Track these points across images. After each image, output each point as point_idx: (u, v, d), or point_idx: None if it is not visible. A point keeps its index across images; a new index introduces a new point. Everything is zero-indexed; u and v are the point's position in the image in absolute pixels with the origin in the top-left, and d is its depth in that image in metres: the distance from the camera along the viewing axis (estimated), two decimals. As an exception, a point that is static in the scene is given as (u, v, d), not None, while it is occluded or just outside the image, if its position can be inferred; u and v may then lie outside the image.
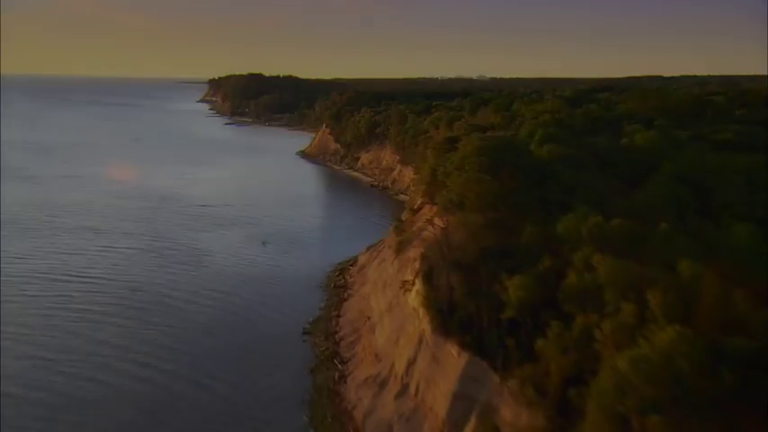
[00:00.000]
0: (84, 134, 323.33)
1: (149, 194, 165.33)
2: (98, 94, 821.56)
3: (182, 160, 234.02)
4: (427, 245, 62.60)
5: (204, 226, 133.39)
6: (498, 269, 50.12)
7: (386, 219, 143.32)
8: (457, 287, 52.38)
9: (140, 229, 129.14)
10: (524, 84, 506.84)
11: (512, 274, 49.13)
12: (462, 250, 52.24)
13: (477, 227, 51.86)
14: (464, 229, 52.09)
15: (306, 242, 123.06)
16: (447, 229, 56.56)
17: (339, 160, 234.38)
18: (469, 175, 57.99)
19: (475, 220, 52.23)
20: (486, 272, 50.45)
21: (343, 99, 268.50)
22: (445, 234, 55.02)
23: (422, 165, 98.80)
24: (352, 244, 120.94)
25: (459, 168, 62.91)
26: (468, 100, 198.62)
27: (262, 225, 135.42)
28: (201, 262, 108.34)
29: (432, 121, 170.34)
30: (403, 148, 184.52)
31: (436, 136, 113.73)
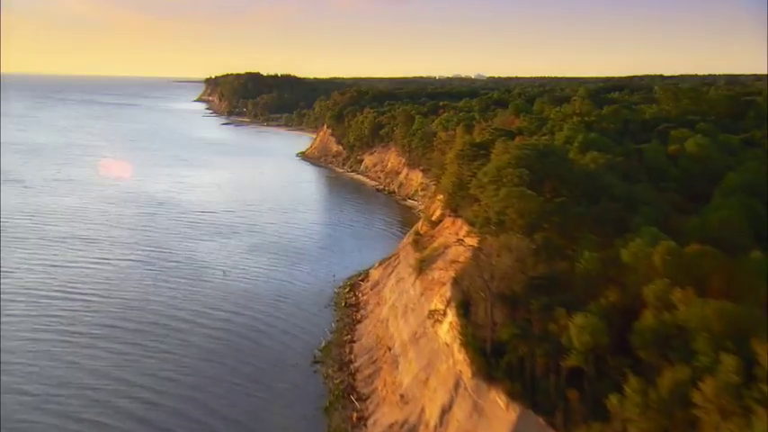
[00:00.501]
0: (77, 134, 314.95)
1: (145, 199, 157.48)
2: (94, 93, 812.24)
3: (179, 162, 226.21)
4: (460, 269, 55.00)
5: (203, 234, 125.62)
6: (552, 303, 42.63)
7: (395, 226, 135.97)
8: (502, 324, 44.83)
9: (136, 239, 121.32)
10: (524, 83, 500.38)
11: (569, 309, 41.66)
12: (508, 279, 44.66)
13: (524, 252, 44.29)
14: (509, 254, 44.53)
15: (312, 253, 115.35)
16: (485, 251, 49.01)
17: (341, 162, 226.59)
18: (511, 190, 50.40)
19: (521, 243, 44.64)
20: (539, 306, 42.92)
21: (344, 99, 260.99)
22: (484, 258, 47.45)
23: (439, 172, 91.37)
24: (361, 255, 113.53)
25: (495, 181, 55.35)
26: (477, 100, 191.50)
27: (265, 233, 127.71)
28: (202, 276, 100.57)
29: (440, 122, 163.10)
30: (409, 151, 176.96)
31: (454, 140, 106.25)
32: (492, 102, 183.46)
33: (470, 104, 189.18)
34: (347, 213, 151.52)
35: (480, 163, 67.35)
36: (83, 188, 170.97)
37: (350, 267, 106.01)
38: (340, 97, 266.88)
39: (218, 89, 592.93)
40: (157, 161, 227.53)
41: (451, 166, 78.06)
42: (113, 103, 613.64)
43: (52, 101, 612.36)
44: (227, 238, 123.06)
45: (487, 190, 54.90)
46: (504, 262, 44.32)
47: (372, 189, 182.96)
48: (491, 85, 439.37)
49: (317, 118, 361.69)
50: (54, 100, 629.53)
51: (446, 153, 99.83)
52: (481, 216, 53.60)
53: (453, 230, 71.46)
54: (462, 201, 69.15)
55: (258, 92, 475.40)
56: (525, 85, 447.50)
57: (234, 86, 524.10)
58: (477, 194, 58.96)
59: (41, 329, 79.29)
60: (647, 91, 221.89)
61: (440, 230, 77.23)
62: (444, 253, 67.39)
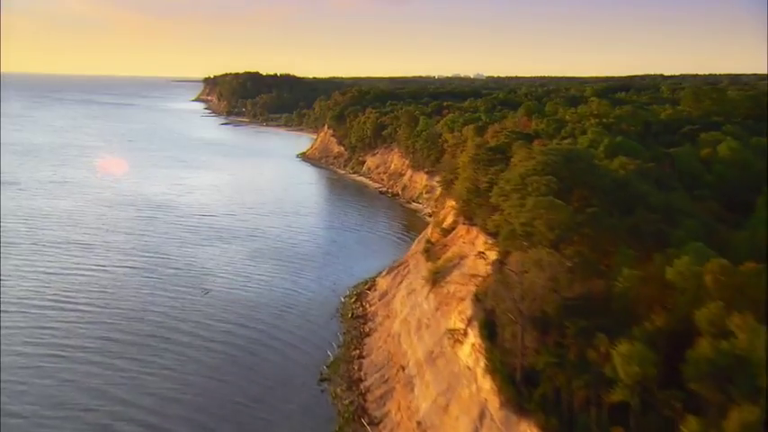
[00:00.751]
0: (74, 135, 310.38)
1: (143, 202, 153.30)
2: (92, 92, 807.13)
3: (177, 164, 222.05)
4: (481, 285, 50.96)
5: (204, 239, 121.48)
6: (591, 328, 38.59)
7: (401, 231, 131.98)
8: (534, 349, 40.80)
9: (133, 244, 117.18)
10: (524, 83, 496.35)
11: (610, 335, 37.64)
12: (540, 300, 40.63)
13: (558, 269, 40.26)
14: (540, 272, 40.50)
15: (316, 259, 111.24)
16: (510, 267, 45.00)
17: (343, 164, 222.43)
18: (538, 200, 46.32)
19: (554, 259, 40.60)
20: (575, 331, 38.89)
21: (345, 99, 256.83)
22: (512, 276, 43.41)
23: (450, 176, 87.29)
24: (366, 261, 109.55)
25: (518, 189, 51.29)
26: (483, 100, 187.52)
27: (267, 238, 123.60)
28: (203, 284, 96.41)
29: (446, 123, 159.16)
30: (413, 152, 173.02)
31: (464, 142, 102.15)
32: (498, 102, 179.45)
33: (475, 105, 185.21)
34: (351, 217, 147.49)
35: (498, 168, 63.34)
36: (79, 190, 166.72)
37: (355, 275, 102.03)
38: (341, 97, 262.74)
39: (216, 89, 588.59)
40: (156, 162, 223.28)
41: (465, 170, 73.96)
42: (111, 103, 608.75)
43: (50, 100, 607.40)
44: (227, 244, 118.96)
45: (511, 199, 50.85)
46: (535, 281, 40.29)
47: (375, 191, 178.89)
48: (492, 85, 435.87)
49: (316, 118, 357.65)
50: (51, 99, 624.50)
51: (457, 156, 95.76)
52: (505, 228, 49.44)
53: (468, 239, 67.44)
54: (479, 209, 65.12)
55: (257, 91, 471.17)
56: (528, 84, 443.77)
57: (233, 86, 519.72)
58: (498, 203, 54.86)
59: (33, 343, 75.22)
60: (654, 91, 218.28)
61: (453, 239, 73.20)
62: (460, 264, 63.34)
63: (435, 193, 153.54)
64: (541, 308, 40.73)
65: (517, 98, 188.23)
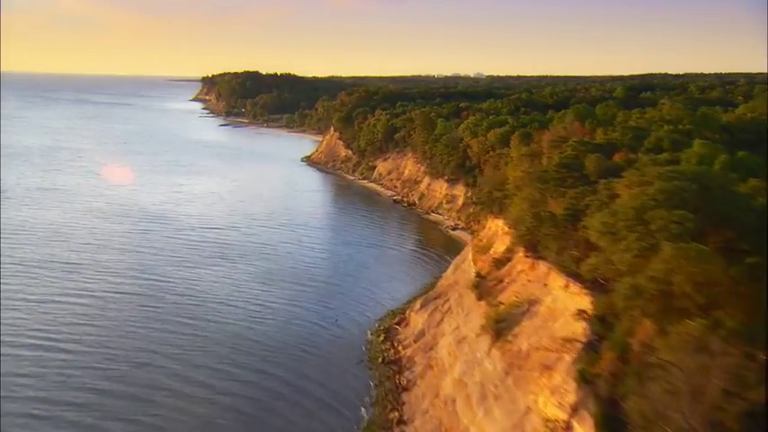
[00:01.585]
0: (67, 136, 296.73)
1: (138, 213, 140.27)
2: (87, 92, 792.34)
3: (175, 168, 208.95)
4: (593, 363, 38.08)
5: (207, 258, 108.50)
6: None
7: (424, 247, 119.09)
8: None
9: (126, 264, 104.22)
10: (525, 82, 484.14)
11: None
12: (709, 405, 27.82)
13: (738, 362, 27.57)
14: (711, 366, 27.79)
15: (334, 282, 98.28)
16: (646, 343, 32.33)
17: (351, 169, 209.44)
18: (680, 248, 33.48)
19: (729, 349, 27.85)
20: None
21: (352, 100, 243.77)
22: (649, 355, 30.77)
23: (498, 193, 74.43)
24: (391, 285, 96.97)
25: (634, 226, 38.45)
26: (505, 101, 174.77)
27: (277, 256, 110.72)
28: (207, 315, 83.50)
29: (467, 126, 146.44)
30: (430, 158, 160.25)
31: (487, 148, 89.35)
32: (522, 103, 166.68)
33: (496, 106, 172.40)
34: (366, 229, 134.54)
35: (579, 191, 50.65)
36: (69, 199, 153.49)
37: (380, 302, 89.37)
38: (347, 98, 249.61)
39: (215, 88, 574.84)
40: (152, 167, 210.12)
41: (523, 189, 61.34)
42: (107, 103, 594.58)
43: (44, 100, 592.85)
44: (233, 263, 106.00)
45: (626, 240, 38.04)
46: (705, 379, 27.62)
47: (389, 200, 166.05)
48: (498, 85, 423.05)
49: (319, 119, 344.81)
50: (46, 99, 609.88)
51: (500, 168, 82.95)
52: (626, 284, 36.46)
53: (535, 277, 54.68)
54: (552, 241, 52.37)
55: (257, 91, 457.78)
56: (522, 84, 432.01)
57: (232, 86, 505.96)
58: (598, 242, 42.03)
59: (5, 398, 62.18)
60: (681, 90, 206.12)
61: (510, 273, 60.29)
62: (531, 312, 50.56)
63: (457, 203, 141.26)
64: (710, 417, 27.99)
65: (542, 98, 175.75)
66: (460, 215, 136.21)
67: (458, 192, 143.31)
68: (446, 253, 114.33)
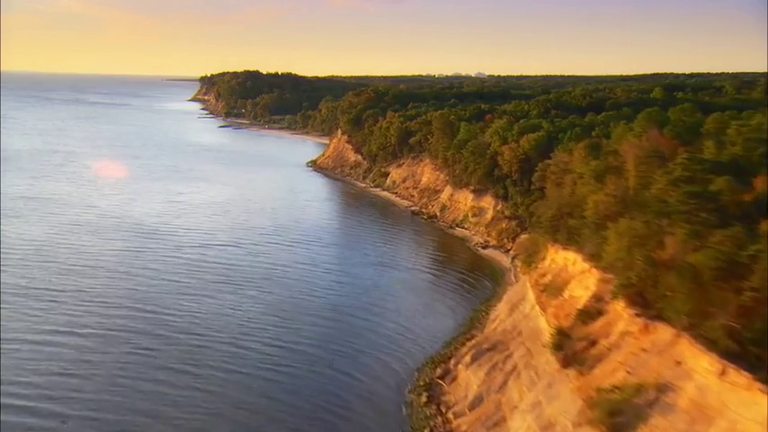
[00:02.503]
0: (59, 139, 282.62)
1: (132, 227, 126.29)
2: (83, 92, 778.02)
3: (173, 174, 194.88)
4: None
5: (209, 284, 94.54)
6: None
7: (456, 270, 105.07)
8: None
9: (116, 292, 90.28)
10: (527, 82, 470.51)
11: None
12: None
13: None
14: None
15: (357, 314, 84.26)
16: None
17: (362, 175, 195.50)
18: None
19: None
20: None
21: (360, 101, 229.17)
22: None
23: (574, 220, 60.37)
24: (426, 321, 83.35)
25: None
26: (534, 102, 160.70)
27: (288, 280, 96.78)
28: (212, 361, 69.67)
29: (495, 131, 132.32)
30: (452, 165, 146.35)
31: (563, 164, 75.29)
32: (552, 105, 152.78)
33: (523, 108, 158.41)
34: (387, 247, 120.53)
35: (731, 233, 36.84)
36: (56, 211, 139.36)
37: (416, 342, 75.57)
38: (355, 99, 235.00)
39: (214, 88, 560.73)
40: (149, 173, 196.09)
41: (622, 220, 47.54)
42: (103, 103, 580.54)
43: (38, 100, 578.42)
44: (240, 290, 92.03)
45: None
46: None
47: (406, 211, 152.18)
48: (504, 84, 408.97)
49: (323, 120, 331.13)
50: (40, 99, 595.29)
51: (564, 185, 69.00)
52: None
53: (652, 345, 40.76)
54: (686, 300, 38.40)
55: (257, 91, 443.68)
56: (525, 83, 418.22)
57: (231, 85, 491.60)
58: None
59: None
60: (715, 91, 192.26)
61: (610, 334, 45.89)
62: (662, 404, 36.59)
63: (485, 217, 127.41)
64: None
65: (573, 100, 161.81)
66: (490, 231, 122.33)
67: (486, 204, 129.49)
68: (482, 276, 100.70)
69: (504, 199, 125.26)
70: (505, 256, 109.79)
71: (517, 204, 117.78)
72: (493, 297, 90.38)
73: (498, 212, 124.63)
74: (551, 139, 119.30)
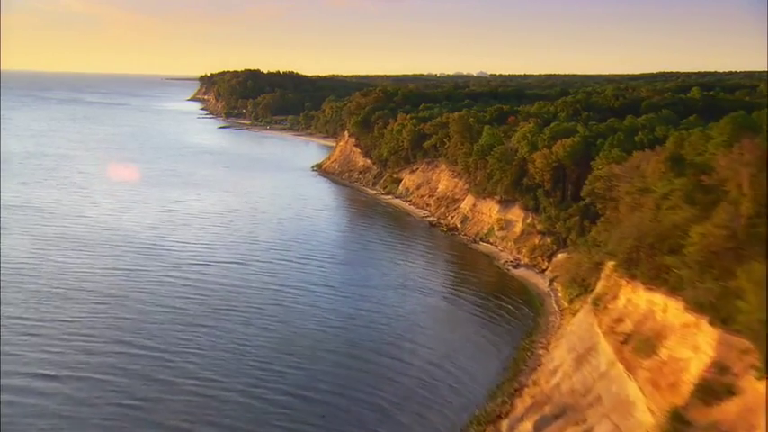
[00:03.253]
0: (51, 141, 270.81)
1: (124, 241, 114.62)
2: (82, 91, 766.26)
3: (171, 180, 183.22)
4: None
5: (209, 312, 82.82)
6: None
7: (488, 295, 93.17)
8: None
9: (102, 323, 78.62)
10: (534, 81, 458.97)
11: None
12: None
13: None
14: None
15: (386, 353, 72.42)
16: None
17: (371, 181, 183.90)
18: None
19: None
20: None
21: (369, 101, 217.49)
22: None
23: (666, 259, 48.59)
24: (462, 359, 71.53)
25: None
26: (561, 103, 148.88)
27: (304, 309, 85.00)
28: (211, 416, 58.00)
29: (523, 136, 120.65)
30: (474, 172, 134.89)
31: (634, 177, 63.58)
32: (582, 106, 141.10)
33: (548, 109, 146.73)
34: (407, 265, 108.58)
35: None
36: (42, 221, 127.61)
37: (456, 390, 63.96)
38: (363, 99, 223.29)
39: (213, 88, 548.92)
40: (145, 178, 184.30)
41: (759, 266, 35.99)
42: (101, 103, 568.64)
43: (35, 99, 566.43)
44: (245, 321, 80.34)
45: None
46: None
47: (423, 222, 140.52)
48: (512, 84, 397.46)
49: (327, 121, 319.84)
50: (37, 98, 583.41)
51: (645, 209, 57.23)
52: None
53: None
54: None
55: (258, 91, 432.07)
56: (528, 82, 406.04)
57: (231, 85, 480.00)
58: None
59: None
60: (750, 90, 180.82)
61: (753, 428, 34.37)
62: None
63: (513, 231, 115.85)
64: None
65: (604, 101, 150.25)
66: (520, 247, 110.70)
67: (514, 216, 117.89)
68: (518, 302, 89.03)
69: (535, 211, 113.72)
70: (541, 278, 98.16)
71: (551, 218, 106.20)
72: (535, 330, 78.89)
73: (528, 226, 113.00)
74: (588, 145, 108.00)
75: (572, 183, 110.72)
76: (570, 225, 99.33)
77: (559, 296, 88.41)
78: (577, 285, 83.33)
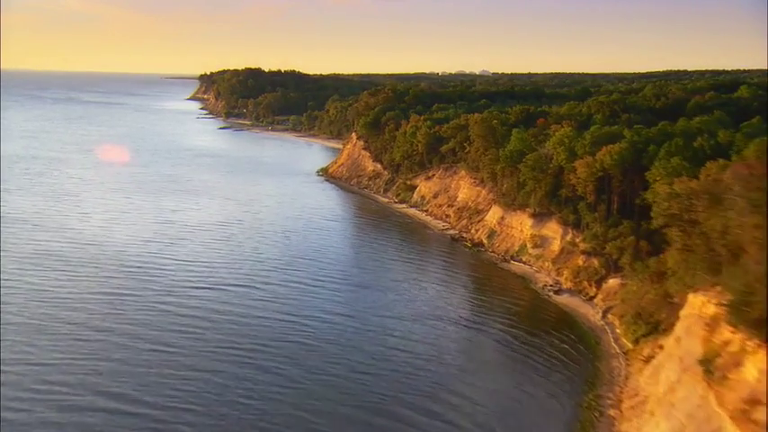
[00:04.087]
0: (44, 142, 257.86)
1: (112, 260, 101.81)
2: (79, 90, 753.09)
3: (167, 186, 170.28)
4: None
5: (206, 353, 69.98)
6: None
7: (534, 330, 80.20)
8: None
9: (79, 366, 65.83)
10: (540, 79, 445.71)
11: None
12: None
13: None
14: None
15: (424, 415, 59.52)
16: None
17: (383, 188, 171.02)
18: None
19: None
20: None
21: (378, 101, 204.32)
22: None
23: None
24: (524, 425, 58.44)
25: None
26: (593, 103, 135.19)
27: (321, 347, 72.10)
28: None
29: (560, 141, 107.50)
30: (500, 179, 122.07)
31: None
32: (622, 107, 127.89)
33: (581, 110, 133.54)
34: (436, 290, 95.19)
35: None
36: (21, 235, 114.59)
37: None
38: (372, 99, 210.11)
39: (213, 87, 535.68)
40: (140, 183, 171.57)
41: None
42: (97, 102, 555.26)
43: (29, 99, 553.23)
44: (252, 364, 67.55)
45: None
46: None
47: (444, 236, 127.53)
48: (519, 82, 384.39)
49: (331, 122, 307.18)
50: (32, 98, 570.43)
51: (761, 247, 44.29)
52: None
53: None
54: None
55: (260, 90, 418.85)
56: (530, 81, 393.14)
57: (232, 84, 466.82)
58: None
59: None
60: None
61: None
62: None
63: (550, 249, 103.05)
64: None
65: (643, 101, 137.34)
66: (560, 268, 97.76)
67: (550, 232, 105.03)
68: (569, 339, 76.14)
69: (576, 227, 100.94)
70: (590, 308, 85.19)
71: (597, 236, 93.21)
72: (597, 379, 66.01)
73: (568, 244, 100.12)
74: (637, 152, 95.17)
75: (618, 194, 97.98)
76: (623, 245, 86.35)
77: (617, 333, 75.54)
78: (643, 322, 70.49)
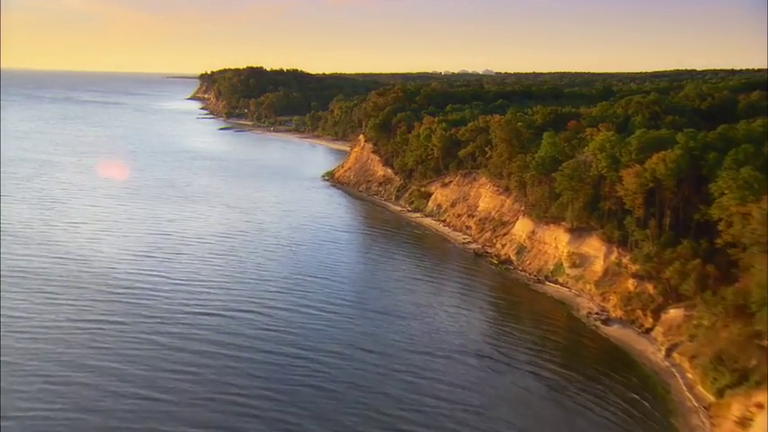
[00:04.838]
0: (37, 144, 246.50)
1: (98, 279, 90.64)
2: (78, 89, 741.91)
3: (165, 191, 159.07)
4: None
5: (205, 403, 58.83)
6: None
7: (584, 373, 68.77)
8: None
9: (54, 419, 54.40)
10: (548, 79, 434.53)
11: None
12: None
13: None
14: None
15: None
16: None
17: (394, 194, 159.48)
18: None
19: None
20: None
21: (387, 101, 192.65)
22: None
23: None
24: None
25: None
26: (629, 102, 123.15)
27: (338, 396, 60.83)
28: None
29: (600, 146, 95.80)
30: (530, 186, 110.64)
31: None
32: (663, 108, 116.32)
33: (615, 111, 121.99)
34: (468, 317, 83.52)
35: None
36: (4, 247, 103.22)
37: None
38: (381, 99, 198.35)
39: (214, 86, 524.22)
40: (135, 189, 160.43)
41: None
42: (95, 102, 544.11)
43: (26, 98, 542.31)
44: (261, 416, 56.08)
45: None
46: None
47: (466, 250, 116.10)
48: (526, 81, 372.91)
49: (336, 122, 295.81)
50: (29, 97, 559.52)
51: None
52: None
53: None
54: None
55: (261, 89, 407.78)
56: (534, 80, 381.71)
57: (233, 83, 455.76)
58: None
59: None
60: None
61: None
62: None
63: (592, 269, 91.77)
64: None
65: (686, 102, 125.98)
66: (605, 293, 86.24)
67: (591, 249, 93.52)
68: (635, 385, 64.72)
69: (622, 244, 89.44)
70: (648, 343, 73.72)
71: (650, 257, 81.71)
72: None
73: (614, 264, 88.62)
74: (694, 160, 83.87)
75: (671, 208, 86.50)
76: (685, 270, 74.92)
77: (689, 378, 64.02)
78: (726, 369, 58.99)
